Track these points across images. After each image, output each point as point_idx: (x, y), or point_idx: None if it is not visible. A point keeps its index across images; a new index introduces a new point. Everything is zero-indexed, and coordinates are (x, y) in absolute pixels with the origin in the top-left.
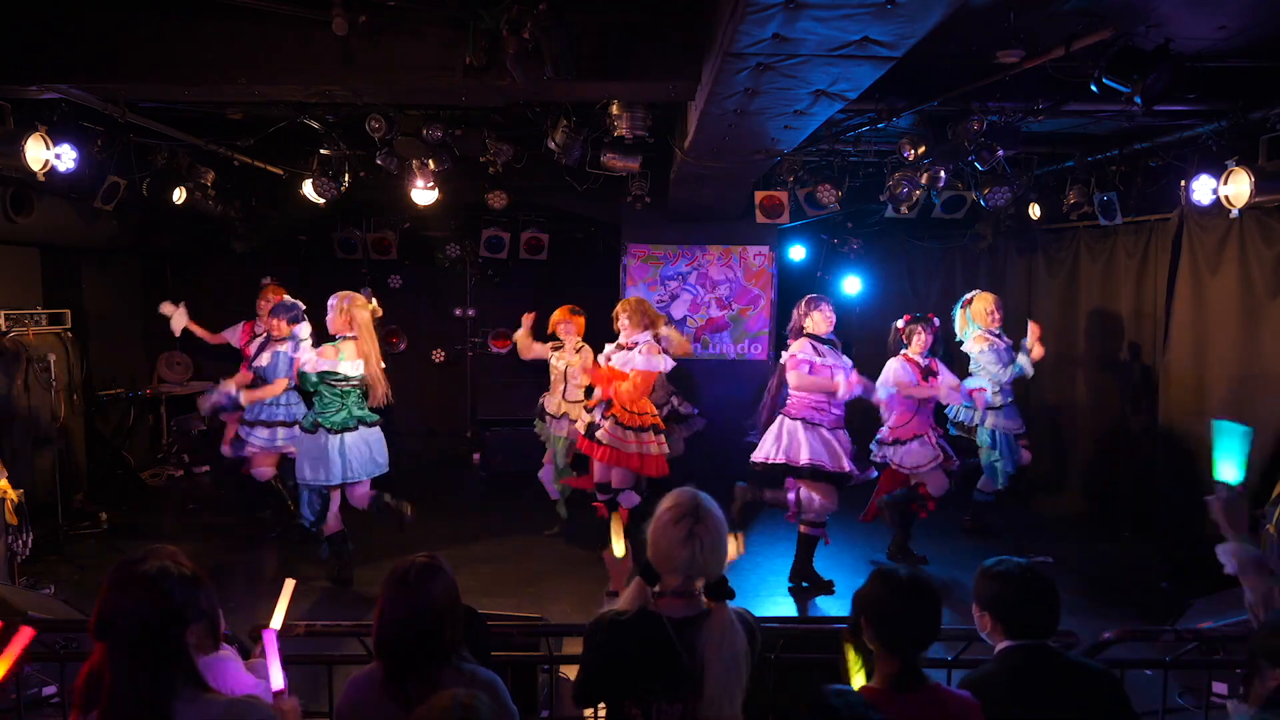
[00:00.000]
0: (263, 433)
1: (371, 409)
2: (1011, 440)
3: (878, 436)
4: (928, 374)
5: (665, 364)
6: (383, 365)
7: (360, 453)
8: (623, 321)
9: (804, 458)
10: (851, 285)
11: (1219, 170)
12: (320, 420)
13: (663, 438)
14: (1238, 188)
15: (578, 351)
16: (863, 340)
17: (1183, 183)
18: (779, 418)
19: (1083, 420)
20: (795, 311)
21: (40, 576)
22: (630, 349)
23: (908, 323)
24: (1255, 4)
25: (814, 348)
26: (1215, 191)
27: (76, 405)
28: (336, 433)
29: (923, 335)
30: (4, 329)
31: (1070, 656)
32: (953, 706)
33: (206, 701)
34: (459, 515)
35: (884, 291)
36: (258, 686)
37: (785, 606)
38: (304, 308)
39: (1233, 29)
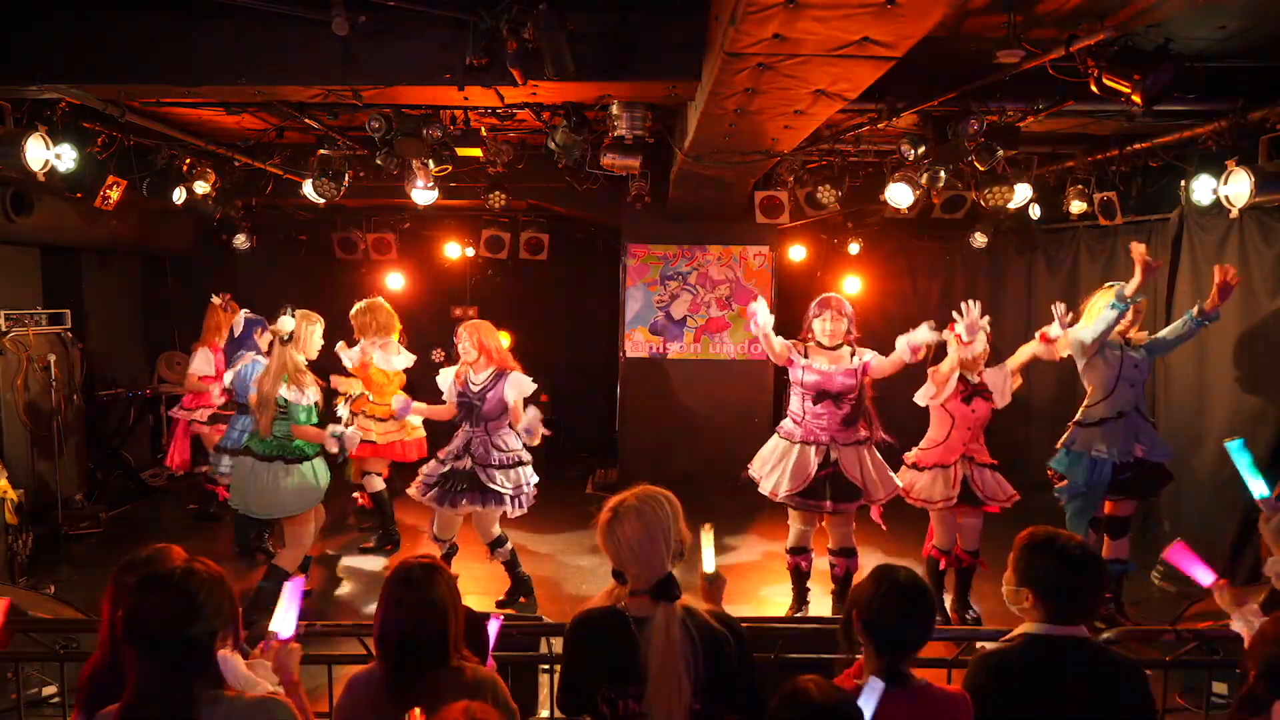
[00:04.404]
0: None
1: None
2: (1102, 473)
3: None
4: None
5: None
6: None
7: None
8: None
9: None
10: (851, 285)
11: (1219, 170)
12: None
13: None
14: (1238, 188)
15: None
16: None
17: (1183, 183)
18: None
19: None
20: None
21: (40, 576)
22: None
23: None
24: (1255, 4)
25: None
26: (1215, 191)
27: (76, 405)
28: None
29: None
30: (4, 329)
31: (1097, 646)
32: (940, 701)
33: (230, 701)
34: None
35: (884, 291)
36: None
37: (784, 607)
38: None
39: (1233, 29)
